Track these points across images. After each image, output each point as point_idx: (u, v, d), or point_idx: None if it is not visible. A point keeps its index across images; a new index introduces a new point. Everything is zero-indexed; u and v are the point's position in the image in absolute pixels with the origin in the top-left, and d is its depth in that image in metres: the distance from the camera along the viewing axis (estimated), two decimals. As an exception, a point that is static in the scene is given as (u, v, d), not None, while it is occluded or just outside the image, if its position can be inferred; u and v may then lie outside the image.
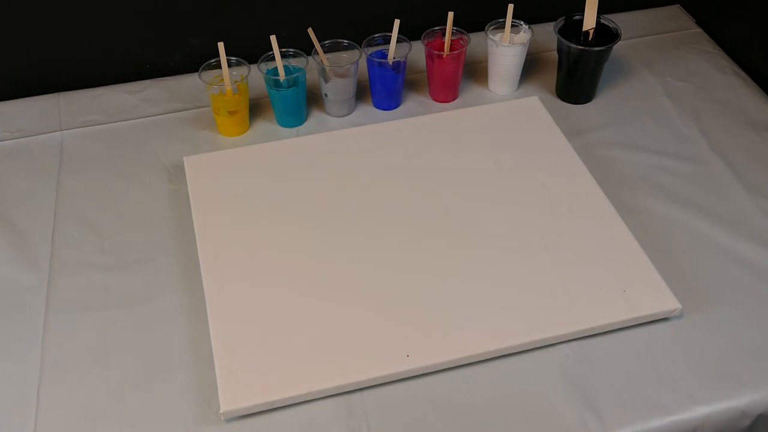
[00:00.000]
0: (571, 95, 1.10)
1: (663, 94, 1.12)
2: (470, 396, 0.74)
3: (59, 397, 0.75)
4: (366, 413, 0.73)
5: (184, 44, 1.15)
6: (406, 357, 0.75)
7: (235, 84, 1.00)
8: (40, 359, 0.78)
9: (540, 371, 0.76)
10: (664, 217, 0.92)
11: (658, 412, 0.73)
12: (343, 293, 0.81)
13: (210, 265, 0.84)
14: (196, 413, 0.73)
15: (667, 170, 0.99)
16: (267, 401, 0.72)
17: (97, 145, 1.04)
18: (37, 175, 1.00)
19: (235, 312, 0.79)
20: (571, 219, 0.89)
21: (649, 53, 1.20)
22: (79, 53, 1.13)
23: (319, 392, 0.73)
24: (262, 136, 1.05)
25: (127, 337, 0.80)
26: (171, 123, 1.07)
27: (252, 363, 0.75)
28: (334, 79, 1.03)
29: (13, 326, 0.81)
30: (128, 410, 0.74)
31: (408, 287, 0.82)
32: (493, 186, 0.94)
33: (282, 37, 1.01)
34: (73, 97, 1.12)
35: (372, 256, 0.85)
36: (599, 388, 0.74)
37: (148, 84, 1.14)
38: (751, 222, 0.91)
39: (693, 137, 1.04)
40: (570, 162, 0.97)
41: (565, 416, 0.72)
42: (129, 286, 0.85)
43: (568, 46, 1.04)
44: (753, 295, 0.83)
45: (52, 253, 0.89)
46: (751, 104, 1.09)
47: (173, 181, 0.98)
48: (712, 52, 1.20)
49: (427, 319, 0.78)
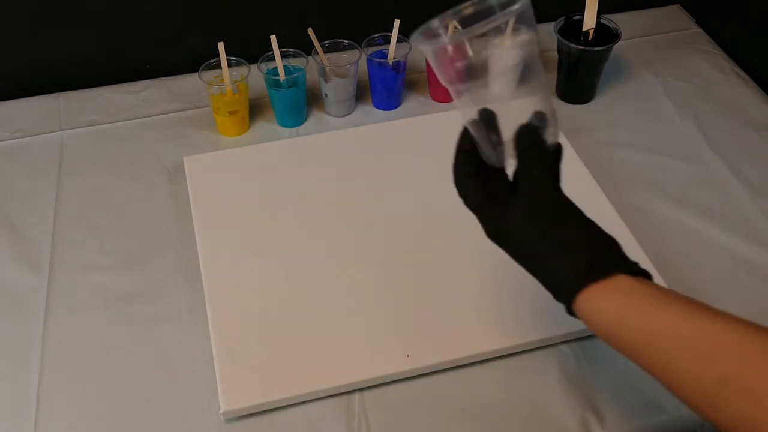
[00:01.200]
0: (571, 95, 1.10)
1: (663, 94, 1.12)
2: (470, 396, 0.74)
3: (59, 397, 0.75)
4: (366, 413, 0.73)
5: (184, 44, 1.15)
6: (406, 357, 0.75)
7: (235, 84, 1.00)
8: (40, 359, 0.78)
9: (540, 371, 0.76)
10: (663, 216, 0.92)
11: (658, 412, 0.73)
12: (344, 293, 0.81)
13: (210, 265, 0.84)
14: (196, 413, 0.73)
15: (667, 170, 0.99)
16: (267, 401, 0.72)
17: (97, 145, 1.04)
18: (37, 175, 1.00)
19: (235, 312, 0.79)
20: (571, 219, 0.89)
21: (649, 53, 1.20)
22: (79, 53, 1.13)
23: (319, 392, 0.73)
24: (262, 136, 1.05)
25: (127, 337, 0.80)
26: (171, 123, 1.07)
27: (252, 363, 0.75)
28: (334, 79, 1.03)
29: (13, 326, 0.81)
30: (128, 410, 0.74)
31: (408, 287, 0.82)
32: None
33: (282, 37, 1.01)
34: (73, 97, 1.12)
35: (372, 255, 0.85)
36: (599, 388, 0.74)
37: (148, 84, 1.14)
38: (751, 222, 0.91)
39: (693, 137, 1.04)
40: (570, 162, 0.96)
41: (565, 416, 0.72)
42: (129, 286, 0.85)
43: (568, 46, 1.04)
44: (753, 295, 0.83)
45: (52, 253, 0.89)
46: (751, 104, 1.09)
47: (173, 181, 0.98)
48: (712, 52, 1.20)
49: (427, 319, 0.78)
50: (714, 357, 0.46)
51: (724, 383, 0.45)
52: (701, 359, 0.47)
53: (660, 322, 0.50)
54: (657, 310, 0.50)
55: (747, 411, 0.44)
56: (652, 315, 0.50)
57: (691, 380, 0.47)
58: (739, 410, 0.45)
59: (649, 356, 0.50)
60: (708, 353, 0.47)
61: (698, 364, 0.47)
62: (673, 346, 0.48)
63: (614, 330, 0.52)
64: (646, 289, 0.52)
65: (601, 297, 0.52)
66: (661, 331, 0.49)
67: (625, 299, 0.52)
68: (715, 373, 0.46)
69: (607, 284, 0.52)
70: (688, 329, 0.48)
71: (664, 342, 0.49)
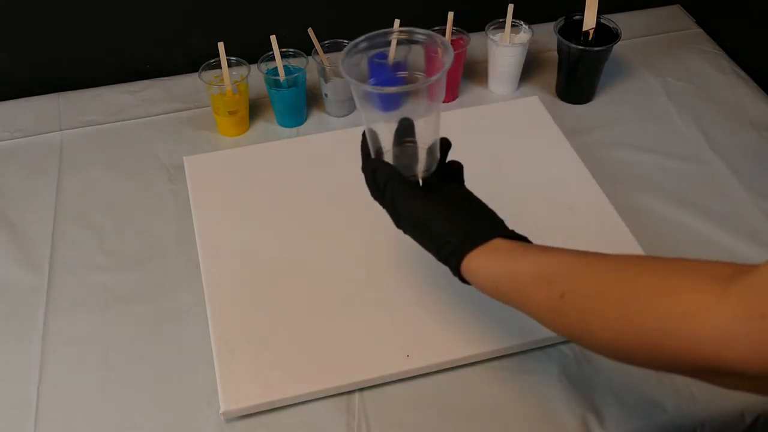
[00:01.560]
0: (571, 95, 1.10)
1: (663, 94, 1.12)
2: (470, 396, 0.74)
3: (59, 397, 0.75)
4: (366, 413, 0.73)
5: (184, 44, 1.15)
6: (406, 357, 0.75)
7: (235, 84, 1.00)
8: (40, 359, 0.78)
9: (540, 371, 0.76)
10: (664, 216, 0.92)
11: (658, 412, 0.73)
12: (344, 293, 0.81)
13: (210, 265, 0.84)
14: (196, 413, 0.73)
15: (667, 170, 0.99)
16: (267, 401, 0.72)
17: (97, 145, 1.04)
18: (37, 175, 1.00)
19: (235, 312, 0.79)
20: (571, 219, 0.89)
21: (649, 53, 1.20)
22: (79, 53, 1.13)
23: (319, 392, 0.73)
24: (262, 136, 1.05)
25: (127, 337, 0.80)
26: (171, 123, 1.08)
27: (252, 363, 0.75)
28: (334, 79, 1.03)
29: (13, 326, 0.81)
30: (128, 410, 0.74)
31: (409, 287, 0.82)
32: (492, 186, 0.94)
33: (282, 37, 1.01)
34: (73, 97, 1.12)
35: (372, 255, 0.85)
36: (599, 388, 0.74)
37: (148, 84, 1.14)
38: (751, 222, 0.91)
39: (693, 137, 1.04)
40: (570, 162, 0.97)
41: (565, 416, 0.72)
42: (129, 286, 0.85)
43: (568, 46, 1.04)
44: (753, 295, 0.83)
45: (52, 253, 0.89)
46: (751, 104, 1.09)
47: (173, 181, 0.98)
48: (712, 52, 1.20)
49: (427, 319, 0.78)
50: (557, 279, 0.55)
51: (563, 297, 0.54)
52: (548, 282, 0.56)
53: (522, 265, 0.59)
54: (521, 257, 0.59)
55: (582, 314, 0.53)
56: (517, 261, 0.59)
57: (543, 303, 0.56)
58: (576, 316, 0.53)
59: (516, 293, 0.59)
60: (553, 277, 0.56)
61: (546, 287, 0.56)
62: (530, 280, 0.57)
63: (491, 280, 0.61)
64: (517, 245, 0.61)
65: (481, 256, 0.61)
66: (522, 270, 0.58)
67: (499, 255, 0.60)
68: (558, 290, 0.55)
69: (486, 247, 0.61)
70: (541, 264, 0.58)
71: (523, 277, 0.58)
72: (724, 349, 0.43)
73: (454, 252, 0.62)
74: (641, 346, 0.49)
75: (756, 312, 0.41)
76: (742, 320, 0.42)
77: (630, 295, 0.50)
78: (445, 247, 0.63)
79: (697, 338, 0.44)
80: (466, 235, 0.62)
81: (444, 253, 0.63)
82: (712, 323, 0.43)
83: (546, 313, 0.57)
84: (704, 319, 0.44)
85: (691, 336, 0.44)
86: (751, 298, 0.42)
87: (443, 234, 0.63)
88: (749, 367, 0.42)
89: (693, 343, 0.44)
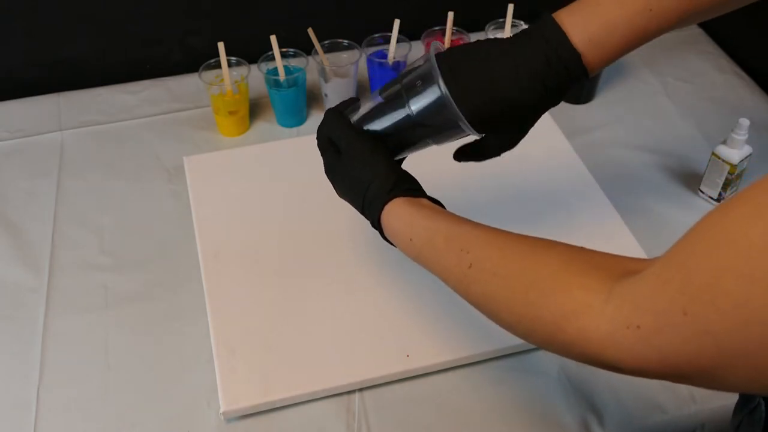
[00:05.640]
0: (571, 95, 1.10)
1: (663, 94, 1.12)
2: (470, 396, 0.74)
3: (59, 397, 0.75)
4: (366, 413, 0.73)
5: (184, 44, 1.15)
6: (406, 357, 0.75)
7: (235, 84, 1.00)
8: (40, 359, 0.78)
9: (540, 371, 0.76)
10: (664, 217, 0.92)
11: (658, 412, 0.73)
12: (343, 293, 0.81)
13: (210, 265, 0.84)
14: (196, 413, 0.73)
15: (668, 170, 0.99)
16: (267, 401, 0.72)
17: (97, 145, 1.04)
18: (37, 175, 1.00)
19: (235, 312, 0.80)
20: (571, 219, 0.89)
21: (649, 53, 1.19)
22: (79, 53, 1.13)
23: (319, 392, 0.73)
24: (262, 136, 1.05)
25: (127, 337, 0.80)
26: (171, 123, 1.08)
27: (252, 363, 0.75)
28: (334, 79, 1.03)
29: (13, 326, 0.81)
30: (128, 410, 0.74)
31: (409, 286, 0.82)
32: (493, 186, 0.94)
33: (282, 37, 1.01)
34: (73, 97, 1.12)
35: (372, 255, 0.85)
36: (599, 388, 0.74)
37: (148, 84, 1.14)
38: (751, 222, 0.91)
39: (693, 137, 1.04)
40: (570, 162, 0.97)
41: (565, 416, 0.72)
42: (129, 287, 0.85)
43: (568, 46, 1.03)
44: (753, 295, 0.83)
45: (52, 253, 0.89)
46: (751, 104, 1.09)
47: (173, 181, 0.98)
48: (712, 52, 1.20)
49: (427, 319, 0.78)
50: (467, 248, 0.57)
51: (471, 268, 0.56)
52: (459, 249, 0.57)
53: (441, 224, 0.60)
54: (442, 218, 0.61)
55: (486, 289, 0.55)
56: (437, 220, 0.61)
57: (453, 268, 0.58)
58: (481, 290, 0.55)
59: (428, 251, 0.61)
60: (463, 245, 0.57)
61: (457, 253, 0.57)
62: (444, 242, 0.59)
63: (408, 231, 0.62)
64: (437, 207, 0.64)
65: (405, 204, 0.63)
66: (439, 229, 0.60)
67: (423, 210, 0.62)
68: (467, 260, 0.56)
69: (414, 200, 0.64)
70: (457, 230, 0.59)
71: (438, 237, 0.59)
72: (606, 349, 0.45)
73: (383, 191, 0.64)
74: (538, 333, 0.51)
75: (632, 321, 0.43)
76: (620, 327, 0.44)
77: (531, 284, 0.51)
78: (376, 184, 0.64)
79: (584, 336, 0.46)
80: (401, 180, 0.64)
81: (373, 190, 0.64)
82: (596, 325, 0.45)
83: (453, 279, 0.58)
84: (589, 320, 0.46)
85: (578, 333, 0.47)
86: (628, 307, 0.44)
87: (379, 174, 0.64)
88: (628, 367, 0.45)
89: (580, 339, 0.47)
